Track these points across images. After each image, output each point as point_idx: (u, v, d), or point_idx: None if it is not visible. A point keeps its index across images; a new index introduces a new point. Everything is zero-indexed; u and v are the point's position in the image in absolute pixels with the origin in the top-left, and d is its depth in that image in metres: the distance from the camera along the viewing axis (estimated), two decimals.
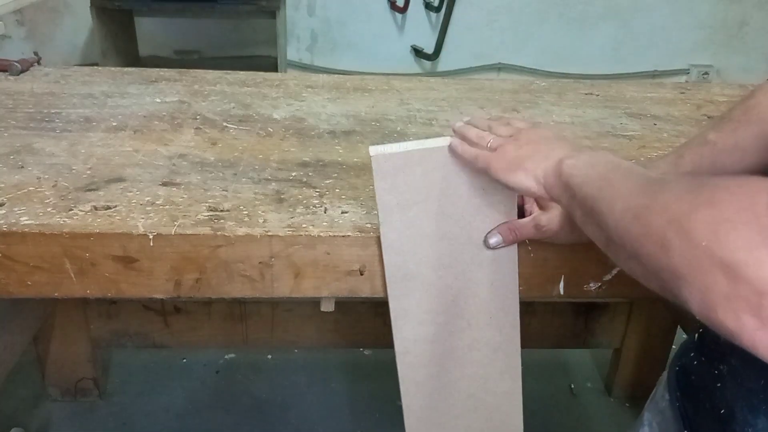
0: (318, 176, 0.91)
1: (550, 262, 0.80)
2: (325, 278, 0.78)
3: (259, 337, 1.62)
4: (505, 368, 0.82)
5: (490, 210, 0.71)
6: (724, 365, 0.56)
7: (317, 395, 1.72)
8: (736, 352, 0.54)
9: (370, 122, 1.12)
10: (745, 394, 0.53)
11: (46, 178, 0.86)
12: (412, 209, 0.70)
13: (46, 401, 1.65)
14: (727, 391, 0.55)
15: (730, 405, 0.54)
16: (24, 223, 0.74)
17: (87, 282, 0.76)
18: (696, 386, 0.61)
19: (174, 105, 1.15)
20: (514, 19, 3.20)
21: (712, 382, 0.57)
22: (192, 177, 0.88)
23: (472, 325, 0.78)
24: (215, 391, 1.72)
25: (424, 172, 0.68)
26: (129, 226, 0.75)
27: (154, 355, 1.80)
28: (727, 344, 0.55)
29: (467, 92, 1.29)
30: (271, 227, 0.76)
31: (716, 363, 0.57)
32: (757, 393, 0.52)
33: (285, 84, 1.30)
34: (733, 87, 1.43)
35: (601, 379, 1.84)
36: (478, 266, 0.74)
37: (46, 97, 1.16)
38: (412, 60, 3.29)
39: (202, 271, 0.76)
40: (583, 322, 1.66)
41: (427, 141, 0.68)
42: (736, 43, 3.29)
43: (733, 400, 0.54)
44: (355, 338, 1.66)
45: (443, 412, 0.84)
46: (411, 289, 0.75)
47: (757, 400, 0.52)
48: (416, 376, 0.81)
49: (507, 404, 0.84)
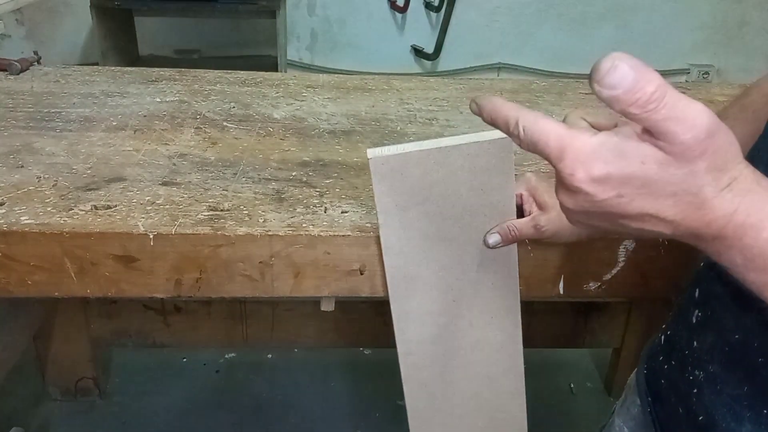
0: (318, 176, 0.91)
1: (550, 262, 0.80)
2: (326, 278, 0.78)
3: (259, 336, 1.62)
4: (508, 368, 0.82)
5: (489, 210, 0.71)
6: (700, 371, 0.54)
7: (317, 395, 1.72)
8: (715, 358, 0.52)
9: (370, 122, 1.12)
10: (727, 401, 0.51)
11: (46, 177, 0.86)
12: (412, 211, 0.70)
13: (46, 401, 1.65)
14: (705, 397, 0.53)
15: (709, 412, 0.52)
16: (24, 222, 0.74)
17: (87, 281, 0.76)
18: (667, 392, 0.59)
19: (174, 104, 1.15)
20: (514, 19, 3.20)
21: (687, 388, 0.56)
22: (192, 176, 0.88)
23: (474, 325, 0.78)
24: (215, 390, 1.72)
25: (422, 173, 0.68)
26: (129, 226, 0.75)
27: (154, 355, 1.80)
28: (704, 350, 0.53)
29: (467, 92, 1.29)
30: (272, 227, 0.76)
31: (690, 369, 0.55)
32: (740, 399, 0.50)
33: (285, 83, 1.30)
34: (733, 87, 1.43)
35: (601, 378, 1.84)
36: (479, 266, 0.74)
37: (46, 96, 1.16)
38: (412, 60, 3.29)
39: (203, 270, 0.76)
40: (583, 322, 1.66)
41: (425, 142, 0.68)
42: (736, 43, 3.29)
43: (713, 407, 0.52)
44: (355, 338, 1.66)
45: (447, 412, 0.84)
46: (412, 291, 0.75)
47: (740, 407, 0.50)
48: (419, 377, 0.81)
49: (511, 403, 0.84)
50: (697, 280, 0.58)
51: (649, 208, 0.39)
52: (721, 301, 0.53)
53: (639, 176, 0.38)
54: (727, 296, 0.52)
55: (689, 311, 0.57)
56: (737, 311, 0.51)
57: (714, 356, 0.53)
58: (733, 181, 0.38)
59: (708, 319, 0.54)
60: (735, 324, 0.51)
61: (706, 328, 0.54)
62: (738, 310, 0.51)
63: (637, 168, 0.38)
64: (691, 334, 0.56)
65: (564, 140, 0.39)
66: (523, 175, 0.75)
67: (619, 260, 0.81)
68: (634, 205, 0.39)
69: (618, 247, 0.80)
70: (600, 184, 0.39)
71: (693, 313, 0.56)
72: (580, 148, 0.39)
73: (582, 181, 0.39)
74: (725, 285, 0.52)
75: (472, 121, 1.15)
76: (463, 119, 1.15)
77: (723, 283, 0.53)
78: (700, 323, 0.55)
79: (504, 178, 0.69)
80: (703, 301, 0.55)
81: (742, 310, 0.50)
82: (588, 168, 0.39)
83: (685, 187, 0.38)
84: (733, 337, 0.51)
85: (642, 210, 0.40)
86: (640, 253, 0.81)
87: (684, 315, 0.58)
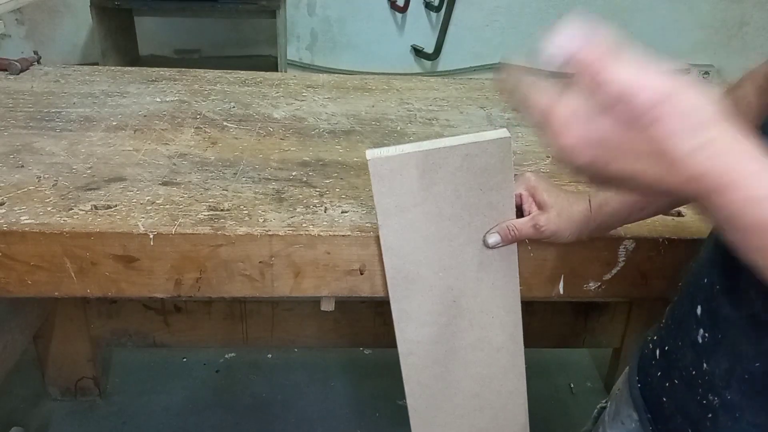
0: (318, 176, 0.91)
1: (550, 262, 0.80)
2: (325, 278, 0.78)
3: (259, 336, 1.62)
4: (509, 367, 0.82)
5: (488, 210, 0.71)
6: (714, 396, 0.53)
7: (317, 394, 1.72)
8: (732, 385, 0.52)
9: (371, 122, 1.12)
10: (747, 428, 0.51)
11: (47, 177, 0.86)
12: (411, 211, 0.70)
13: (46, 400, 1.65)
14: (721, 424, 0.53)
15: None
16: (24, 222, 0.74)
17: (87, 281, 0.76)
18: (671, 411, 0.58)
19: (174, 104, 1.14)
20: (514, 19, 3.20)
21: (700, 411, 0.55)
22: (192, 176, 0.88)
23: (475, 325, 0.78)
24: (215, 390, 1.72)
25: (421, 174, 0.68)
26: (129, 226, 0.75)
27: (154, 355, 1.80)
28: (718, 375, 0.52)
29: (467, 92, 1.29)
30: (272, 227, 0.76)
31: (702, 392, 0.54)
32: (761, 428, 0.50)
33: (285, 83, 1.30)
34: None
35: (601, 378, 1.84)
36: (479, 266, 0.74)
37: (46, 96, 1.16)
38: (412, 60, 3.29)
39: (203, 270, 0.76)
40: (583, 322, 1.65)
41: (424, 143, 0.68)
42: (736, 43, 3.29)
43: None
44: (355, 337, 1.66)
45: (448, 412, 0.84)
46: (412, 291, 0.75)
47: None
48: (420, 377, 0.81)
49: (512, 403, 0.84)
50: (694, 295, 0.57)
51: (625, 169, 0.41)
52: (734, 325, 0.52)
53: (608, 139, 0.40)
54: (741, 321, 0.51)
55: (692, 329, 0.56)
56: (755, 338, 0.50)
57: (731, 383, 0.52)
58: (708, 142, 0.38)
59: (718, 343, 0.53)
60: (755, 352, 0.50)
61: (718, 352, 0.53)
62: (756, 337, 0.50)
63: (605, 133, 0.40)
64: (699, 355, 0.55)
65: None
66: (522, 174, 0.74)
67: (619, 260, 0.81)
68: (611, 168, 0.41)
69: (618, 247, 0.80)
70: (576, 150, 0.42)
71: (698, 332, 0.55)
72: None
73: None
74: (736, 308, 0.51)
75: (472, 121, 1.15)
76: (463, 119, 1.15)
77: (733, 305, 0.52)
78: (709, 345, 0.54)
79: (503, 177, 0.69)
80: (711, 322, 0.54)
81: (760, 336, 0.49)
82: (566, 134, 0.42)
83: (651, 148, 0.39)
84: (753, 365, 0.50)
85: (619, 172, 0.41)
86: (640, 253, 0.80)
87: (686, 332, 0.57)
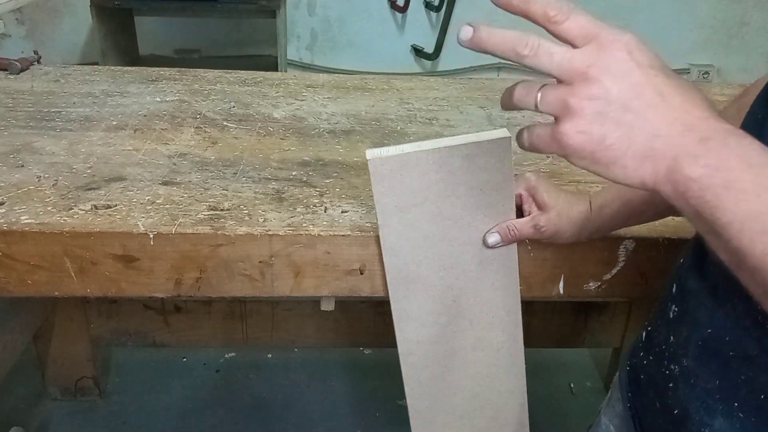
0: (318, 175, 0.91)
1: (550, 262, 0.80)
2: (325, 277, 0.78)
3: (259, 336, 1.62)
4: (509, 367, 0.82)
5: (488, 210, 0.71)
6: (675, 365, 0.55)
7: (317, 394, 1.72)
8: (689, 353, 0.53)
9: (371, 121, 1.12)
10: (700, 395, 0.52)
11: (47, 177, 0.86)
12: (411, 211, 0.70)
13: (46, 400, 1.65)
14: (680, 391, 0.54)
15: (684, 406, 0.53)
16: (24, 222, 0.74)
17: (87, 281, 0.76)
18: (646, 387, 0.60)
19: (174, 104, 1.15)
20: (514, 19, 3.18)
21: (663, 382, 0.56)
22: (192, 176, 0.88)
23: (475, 325, 0.78)
24: (215, 390, 1.72)
25: (421, 173, 0.68)
26: (129, 225, 0.75)
27: (154, 354, 1.80)
28: (679, 344, 0.54)
29: (467, 92, 1.29)
30: (272, 226, 0.76)
31: (666, 363, 0.56)
32: (713, 393, 0.51)
33: (285, 83, 1.30)
34: (733, 87, 1.42)
35: (601, 378, 1.84)
36: (479, 266, 0.74)
37: (46, 96, 1.16)
38: (412, 59, 3.29)
39: (203, 270, 0.76)
40: (583, 322, 1.66)
41: (424, 143, 0.68)
42: (736, 43, 3.29)
43: (687, 401, 0.53)
44: (355, 337, 1.66)
45: (448, 412, 0.84)
46: (412, 291, 0.75)
47: (712, 401, 0.51)
48: (420, 377, 0.81)
49: (512, 403, 0.84)
50: (676, 275, 0.58)
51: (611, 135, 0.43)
52: (696, 296, 0.53)
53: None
54: (702, 291, 0.53)
55: (667, 306, 0.58)
56: (711, 306, 0.51)
57: (688, 351, 0.53)
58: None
59: (683, 314, 0.55)
60: (708, 319, 0.51)
61: (682, 322, 0.55)
62: (711, 305, 0.51)
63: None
64: (669, 329, 0.57)
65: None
66: (522, 174, 0.74)
67: (619, 260, 0.81)
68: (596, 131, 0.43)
69: (618, 247, 0.80)
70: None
71: (670, 308, 0.57)
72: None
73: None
74: (702, 280, 0.53)
75: (472, 120, 1.15)
76: (463, 119, 1.15)
77: (700, 278, 0.53)
78: (677, 318, 0.56)
79: (503, 177, 0.69)
80: (680, 296, 0.56)
81: (716, 304, 0.51)
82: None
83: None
84: (705, 332, 0.52)
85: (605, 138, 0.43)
86: (640, 253, 0.81)
87: (663, 310, 0.59)
